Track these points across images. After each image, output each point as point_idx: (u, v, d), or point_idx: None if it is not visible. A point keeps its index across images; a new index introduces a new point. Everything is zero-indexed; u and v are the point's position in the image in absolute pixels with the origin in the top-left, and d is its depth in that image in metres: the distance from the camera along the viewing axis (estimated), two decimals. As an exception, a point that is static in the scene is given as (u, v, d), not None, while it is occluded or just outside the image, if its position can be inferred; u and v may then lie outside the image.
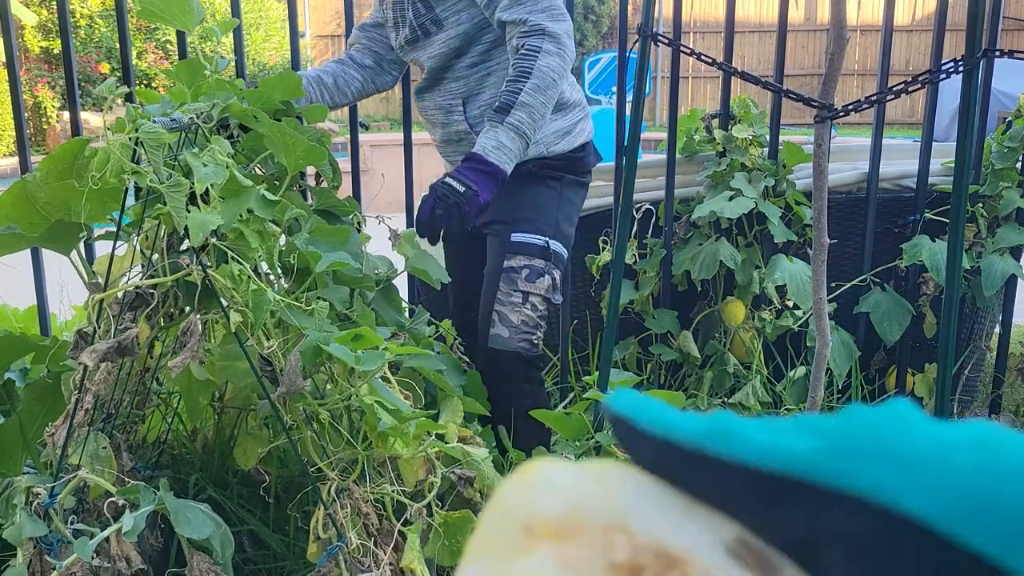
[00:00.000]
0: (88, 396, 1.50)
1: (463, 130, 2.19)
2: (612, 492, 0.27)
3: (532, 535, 0.27)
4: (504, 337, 2.07)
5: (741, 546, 0.26)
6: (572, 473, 0.27)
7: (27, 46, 11.74)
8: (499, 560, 0.27)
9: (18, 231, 1.65)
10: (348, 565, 1.46)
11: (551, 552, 0.26)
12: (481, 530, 0.28)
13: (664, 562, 0.26)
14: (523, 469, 0.28)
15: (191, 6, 1.70)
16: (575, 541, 0.26)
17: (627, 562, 0.26)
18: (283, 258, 1.57)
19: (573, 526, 0.26)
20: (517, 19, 1.99)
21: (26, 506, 1.47)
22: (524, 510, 0.27)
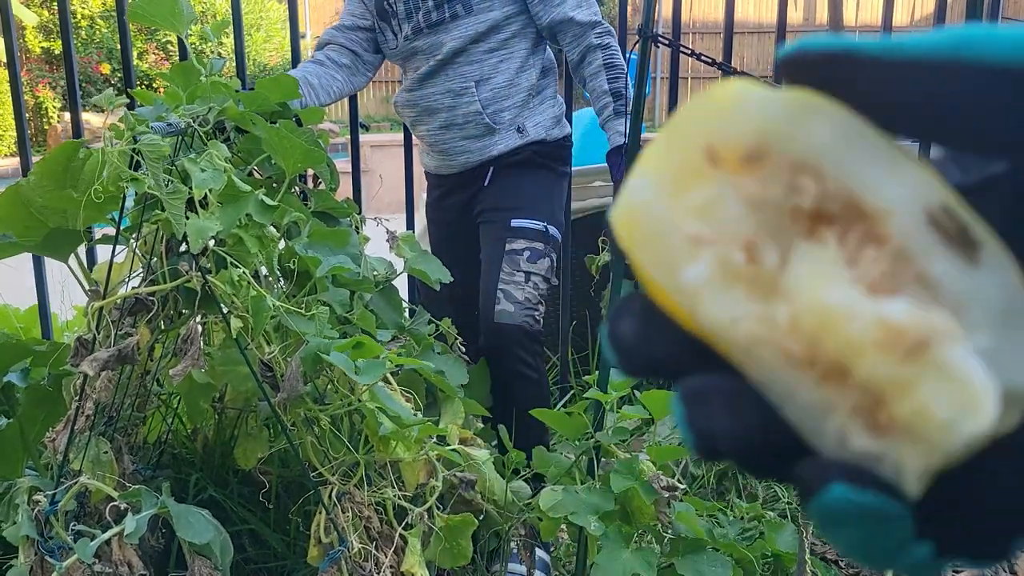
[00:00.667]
0: (89, 402, 1.50)
1: (473, 111, 2.26)
2: (812, 127, 0.24)
3: (714, 161, 0.24)
4: (510, 312, 2.13)
5: (945, 214, 0.23)
6: (771, 99, 0.24)
7: (28, 46, 11.74)
8: (672, 182, 0.25)
9: (14, 239, 1.65)
10: (350, 569, 1.47)
11: (731, 183, 0.24)
12: (657, 146, 0.26)
13: (853, 215, 0.23)
14: (716, 88, 0.25)
15: (180, 8, 1.70)
16: (759, 175, 0.24)
17: (812, 208, 0.24)
18: (282, 262, 1.57)
19: (760, 157, 0.24)
20: (591, 21, 2.26)
21: (27, 509, 1.47)
22: (709, 131, 0.24)
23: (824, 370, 0.23)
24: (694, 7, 15.39)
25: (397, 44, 2.32)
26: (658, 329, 0.27)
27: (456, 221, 2.40)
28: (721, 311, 0.24)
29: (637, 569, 1.51)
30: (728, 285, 0.24)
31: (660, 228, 0.25)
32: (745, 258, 0.24)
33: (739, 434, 0.25)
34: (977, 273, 0.23)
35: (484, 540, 1.90)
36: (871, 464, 0.23)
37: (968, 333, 0.22)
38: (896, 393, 0.22)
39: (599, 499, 1.61)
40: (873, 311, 0.22)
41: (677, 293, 0.25)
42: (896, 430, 0.22)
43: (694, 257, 0.24)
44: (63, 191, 1.61)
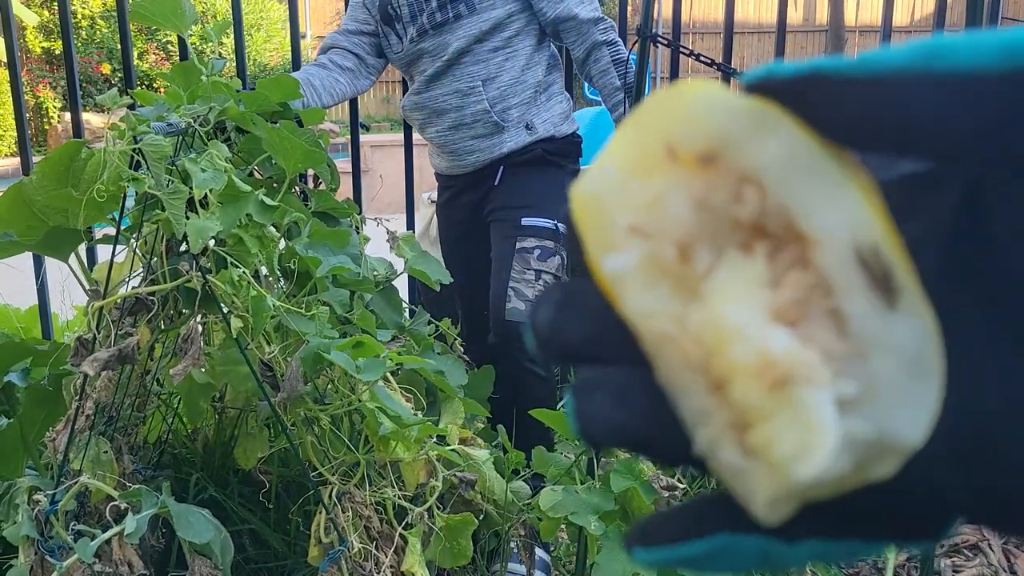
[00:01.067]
0: (89, 402, 1.50)
1: (481, 110, 2.28)
2: (765, 140, 0.24)
3: (672, 156, 0.25)
4: (521, 310, 2.14)
5: (873, 255, 0.23)
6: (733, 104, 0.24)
7: (28, 47, 11.74)
8: (630, 170, 0.25)
9: (14, 238, 1.65)
10: (350, 569, 1.47)
11: (683, 182, 0.24)
12: (626, 132, 0.26)
13: (789, 236, 0.24)
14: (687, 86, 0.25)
15: (183, 8, 1.70)
16: (707, 179, 0.24)
17: (750, 221, 0.24)
18: (283, 262, 1.57)
19: (713, 160, 0.24)
20: (594, 17, 2.29)
21: (28, 509, 1.47)
22: (671, 127, 0.25)
23: (712, 382, 0.24)
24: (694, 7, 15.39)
25: (403, 47, 2.33)
26: (574, 317, 0.28)
27: (467, 221, 2.41)
28: (641, 303, 0.25)
29: (637, 569, 1.51)
30: (654, 280, 0.25)
31: (608, 213, 0.25)
32: (677, 256, 0.24)
33: (618, 424, 0.26)
34: (892, 318, 0.23)
35: (484, 540, 1.90)
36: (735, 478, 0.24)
37: (834, 380, 0.23)
38: (756, 419, 0.23)
39: (599, 499, 1.61)
40: (759, 338, 0.23)
41: (607, 276, 0.26)
42: (754, 455, 0.23)
43: (625, 247, 0.25)
44: (64, 190, 1.61)
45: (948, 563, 2.24)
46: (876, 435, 0.23)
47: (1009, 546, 2.32)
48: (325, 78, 2.32)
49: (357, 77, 2.39)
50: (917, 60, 0.22)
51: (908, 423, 0.23)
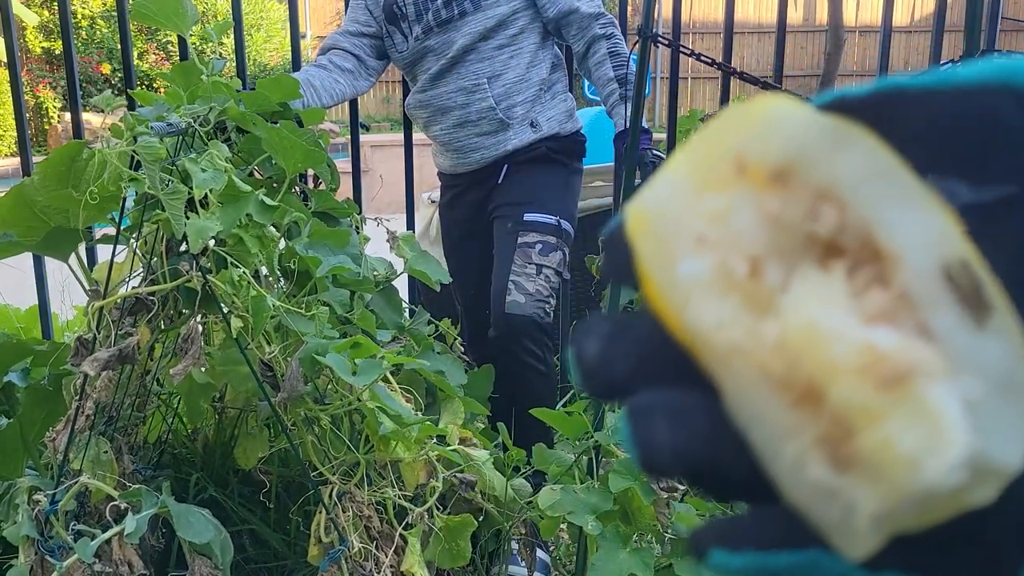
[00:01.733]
0: (89, 402, 1.50)
1: (486, 107, 2.29)
2: (844, 156, 0.23)
3: (742, 172, 0.24)
4: (521, 303, 2.15)
5: (962, 270, 0.22)
6: (810, 121, 0.23)
7: (28, 47, 11.74)
8: (695, 184, 0.24)
9: (15, 238, 1.66)
10: (350, 568, 1.47)
11: (753, 198, 0.24)
12: (688, 148, 0.25)
13: (868, 254, 0.23)
14: (757, 99, 0.24)
15: (184, 8, 1.70)
16: (780, 195, 0.23)
17: (827, 238, 0.23)
18: (283, 262, 1.57)
19: (787, 177, 0.23)
20: (597, 12, 2.32)
21: (28, 509, 1.48)
22: (743, 142, 0.24)
23: (799, 393, 0.22)
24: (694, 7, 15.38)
25: (408, 46, 2.33)
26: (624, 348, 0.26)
27: (471, 220, 2.42)
28: (709, 314, 0.23)
29: (634, 569, 1.51)
30: (723, 292, 0.24)
31: (671, 223, 0.25)
32: (748, 271, 0.23)
33: (681, 448, 0.24)
34: (982, 337, 0.22)
35: (484, 541, 1.90)
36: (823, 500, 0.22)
37: (956, 377, 0.21)
38: (864, 423, 0.21)
39: (597, 499, 1.62)
40: (861, 335, 0.22)
41: (670, 289, 0.24)
42: (857, 466, 0.22)
43: (696, 255, 0.24)
44: (65, 191, 1.61)
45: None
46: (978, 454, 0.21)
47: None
48: (325, 79, 2.32)
49: (357, 78, 2.40)
50: (995, 76, 0.22)
51: (1004, 445, 0.21)
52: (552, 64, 2.39)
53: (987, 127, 0.22)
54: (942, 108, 0.23)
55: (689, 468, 0.25)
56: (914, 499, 0.21)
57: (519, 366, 2.16)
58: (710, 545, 0.25)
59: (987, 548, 0.23)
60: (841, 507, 0.22)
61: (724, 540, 0.25)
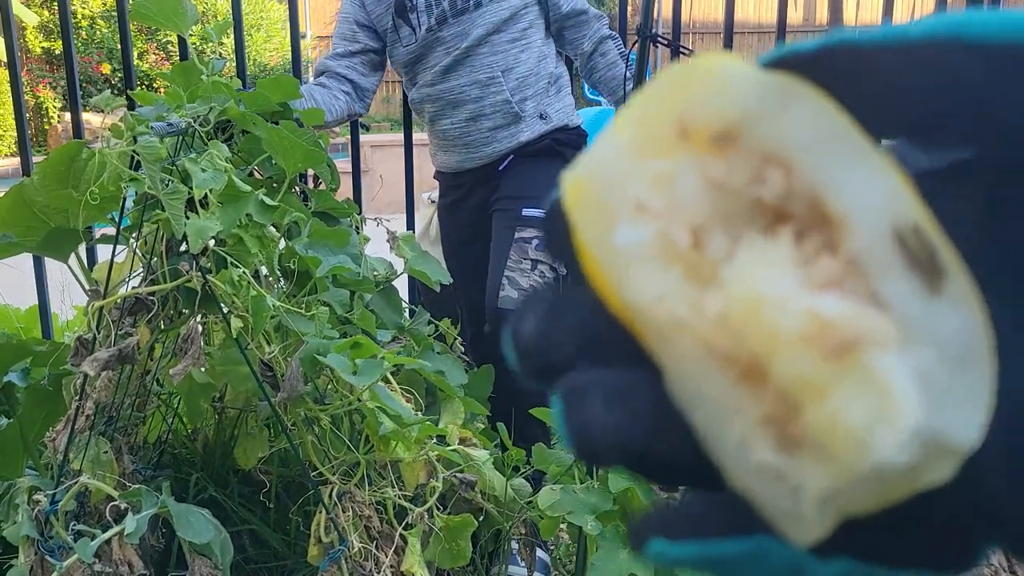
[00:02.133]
0: (89, 402, 1.50)
1: (502, 100, 2.30)
2: (792, 116, 0.21)
3: (684, 136, 0.22)
4: (513, 298, 2.15)
5: (915, 235, 0.20)
6: (754, 79, 0.22)
7: (28, 47, 11.74)
8: (636, 148, 0.23)
9: (14, 239, 1.66)
10: (350, 568, 1.47)
11: (696, 162, 0.22)
12: (631, 111, 0.24)
13: (816, 219, 0.21)
14: (703, 60, 0.23)
15: (184, 8, 1.70)
16: (726, 159, 0.22)
17: (774, 204, 0.22)
18: (283, 262, 1.57)
19: (731, 140, 0.22)
20: (600, 13, 2.40)
21: (28, 509, 1.48)
22: (684, 103, 0.22)
23: (742, 369, 0.21)
24: (694, 7, 15.39)
25: (416, 39, 2.32)
26: (562, 325, 0.25)
27: (475, 222, 2.41)
28: (648, 286, 0.22)
29: (634, 569, 1.51)
30: (664, 263, 0.22)
31: (609, 190, 0.23)
32: (690, 241, 0.22)
33: (617, 431, 0.23)
34: (936, 304, 0.20)
35: (484, 541, 1.90)
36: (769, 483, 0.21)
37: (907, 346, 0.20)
38: (810, 397, 0.20)
39: (597, 499, 1.62)
40: (807, 304, 0.20)
41: (608, 262, 0.23)
42: (804, 445, 0.20)
43: (635, 223, 0.22)
44: (65, 191, 1.61)
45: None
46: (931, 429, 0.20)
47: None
48: (325, 95, 2.34)
49: (353, 101, 2.41)
50: (945, 29, 0.21)
51: (959, 420, 0.20)
52: (557, 59, 2.42)
53: (940, 81, 0.21)
54: (894, 63, 0.22)
55: (626, 452, 0.23)
56: (864, 478, 0.20)
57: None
58: (649, 536, 0.24)
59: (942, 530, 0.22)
60: (788, 490, 0.21)
61: (663, 530, 0.24)
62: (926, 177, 0.22)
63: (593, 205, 0.23)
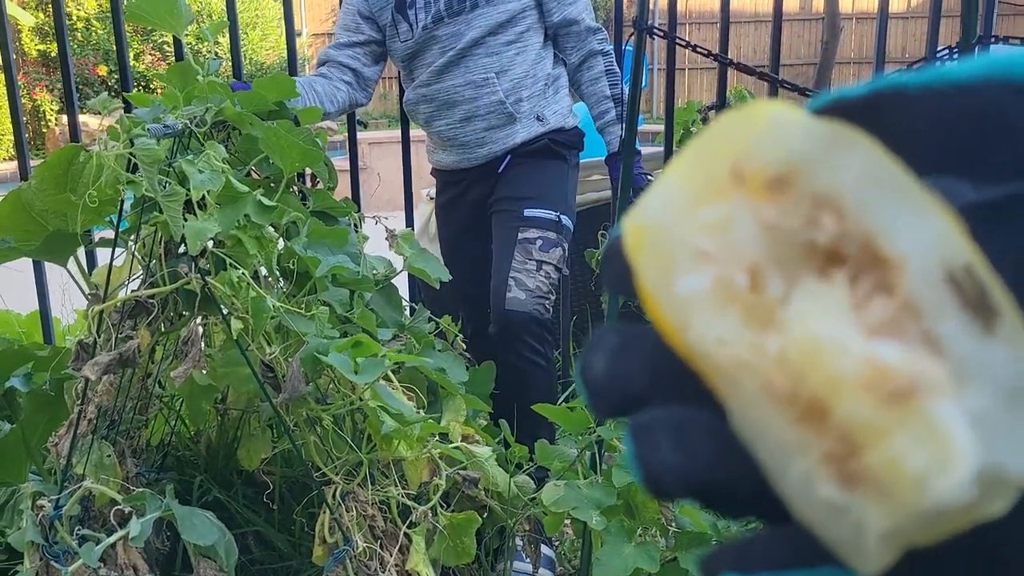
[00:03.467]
0: (91, 406, 1.50)
1: (496, 101, 2.30)
2: (843, 161, 0.22)
3: (738, 180, 0.23)
4: (521, 299, 2.15)
5: (966, 275, 0.21)
6: (806, 126, 0.23)
7: (24, 50, 11.73)
8: (692, 194, 0.24)
9: (13, 243, 1.65)
10: (355, 568, 1.47)
11: (749, 206, 0.23)
12: (688, 154, 0.25)
13: (869, 261, 0.22)
14: (754, 106, 0.24)
15: (179, 8, 1.69)
16: (779, 203, 0.23)
17: (828, 246, 0.22)
18: (282, 262, 1.57)
19: (785, 185, 0.23)
20: (596, 27, 2.37)
21: (32, 514, 1.48)
22: (739, 149, 0.23)
23: (803, 408, 0.22)
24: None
25: (412, 35, 2.32)
26: (632, 363, 0.25)
27: (471, 218, 2.41)
28: (710, 330, 0.23)
29: (640, 563, 1.51)
30: (724, 306, 0.23)
31: (668, 237, 0.24)
32: (748, 283, 0.23)
33: (686, 469, 0.24)
34: (989, 343, 0.21)
35: (488, 537, 1.90)
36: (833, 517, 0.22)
37: (961, 391, 0.21)
38: (871, 439, 0.21)
39: (601, 494, 1.62)
40: (864, 349, 0.21)
41: (670, 306, 0.24)
42: (865, 483, 0.21)
43: (695, 270, 0.23)
44: (63, 195, 1.61)
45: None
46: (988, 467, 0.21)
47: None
48: (327, 85, 2.34)
49: (355, 90, 2.41)
50: (994, 71, 0.21)
51: (1016, 454, 0.21)
52: (555, 60, 2.41)
53: (989, 124, 0.22)
54: (942, 106, 0.22)
55: (693, 488, 0.24)
56: (923, 516, 0.21)
57: (520, 362, 2.16)
58: (721, 569, 0.24)
59: (1001, 559, 0.23)
60: (851, 525, 0.22)
61: (736, 564, 0.24)
62: (973, 211, 0.23)
63: (654, 251, 0.24)
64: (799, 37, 15.43)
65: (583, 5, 2.34)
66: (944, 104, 0.22)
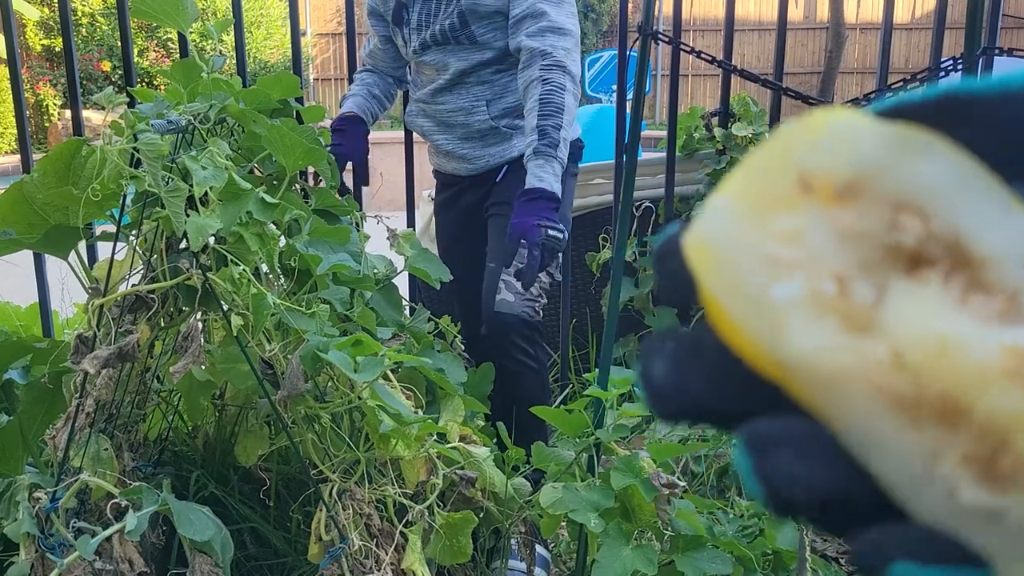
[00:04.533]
0: (89, 400, 1.50)
1: (487, 127, 2.29)
2: (920, 163, 0.22)
3: (807, 190, 0.23)
4: (510, 302, 2.15)
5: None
6: (874, 131, 0.23)
7: (29, 44, 11.74)
8: (757, 207, 0.23)
9: (14, 236, 1.66)
10: (350, 566, 1.47)
11: (824, 215, 0.22)
12: (748, 167, 0.24)
13: (957, 260, 0.22)
14: (817, 115, 0.23)
15: (185, 5, 1.70)
16: (855, 209, 0.22)
17: (914, 249, 0.22)
18: (283, 260, 1.57)
19: (859, 192, 0.22)
20: (541, 50, 2.10)
21: (28, 506, 1.48)
22: (806, 159, 0.23)
23: (930, 410, 0.21)
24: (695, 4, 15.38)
25: (407, 52, 2.34)
26: (693, 372, 0.25)
27: (467, 219, 2.42)
28: (807, 338, 0.22)
29: (638, 566, 1.52)
30: (819, 314, 0.22)
31: (740, 251, 0.23)
32: (836, 290, 0.22)
33: (818, 486, 0.22)
34: None
35: (484, 538, 1.90)
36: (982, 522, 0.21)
37: None
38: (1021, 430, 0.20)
39: (599, 496, 1.62)
40: (998, 338, 0.21)
41: (747, 316, 0.23)
42: (1018, 480, 0.20)
43: (781, 278, 0.23)
44: (65, 188, 1.61)
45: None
46: None
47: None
48: (380, 84, 2.40)
49: (399, 83, 2.49)
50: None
51: None
52: None
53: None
54: (1007, 111, 0.23)
55: (819, 501, 0.23)
56: None
57: (510, 363, 2.17)
58: (895, 556, 0.22)
59: None
60: (1008, 527, 0.20)
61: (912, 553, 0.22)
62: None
63: (723, 267, 0.24)
64: (803, 46, 15.45)
65: (535, 29, 2.13)
66: (1010, 108, 0.22)
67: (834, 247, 0.22)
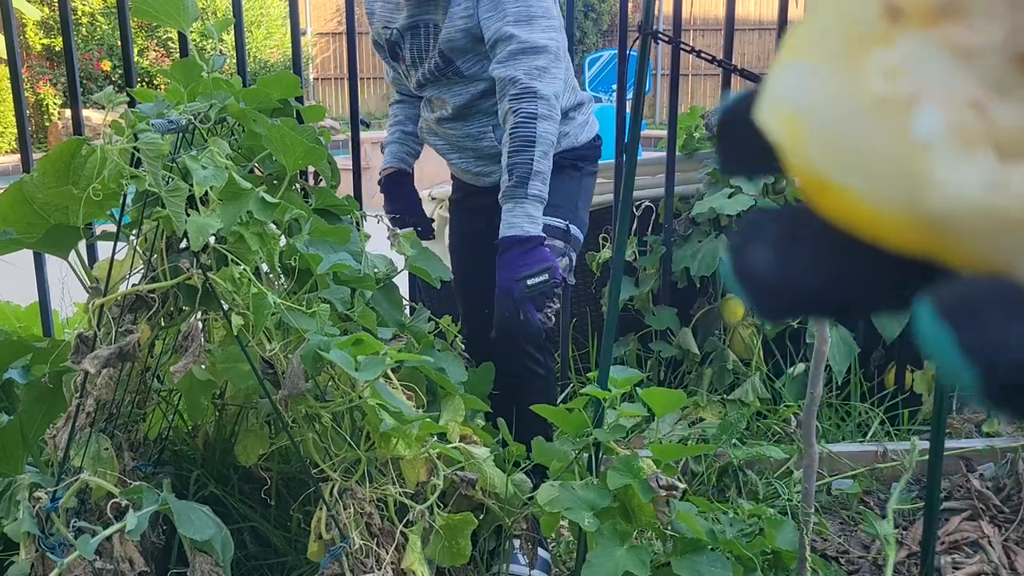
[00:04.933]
0: (89, 399, 1.50)
1: (497, 151, 2.23)
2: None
3: (898, 18, 0.20)
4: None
5: None
6: None
7: (29, 43, 11.74)
8: (842, 53, 0.20)
9: (14, 235, 1.66)
10: (350, 565, 1.47)
11: (929, 39, 0.20)
12: (810, 20, 0.21)
13: None
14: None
15: (185, 4, 1.70)
16: (964, 23, 0.20)
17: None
18: (283, 259, 1.57)
19: (958, 5, 0.20)
20: (508, 77, 2.02)
21: (28, 506, 1.48)
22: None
23: None
24: (695, 4, 15.38)
25: (409, 86, 2.33)
26: (801, 258, 0.22)
27: (479, 220, 2.40)
28: (967, 178, 0.19)
29: (630, 567, 1.51)
30: (967, 148, 0.19)
31: (841, 108, 0.20)
32: (975, 117, 0.19)
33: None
34: None
35: (484, 539, 1.90)
36: None
37: None
38: None
39: (595, 495, 1.62)
40: None
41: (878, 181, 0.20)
42: None
43: (909, 115, 0.19)
44: (65, 187, 1.61)
45: (948, 560, 2.24)
46: None
47: (1009, 543, 2.32)
48: (411, 113, 2.40)
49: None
50: None
51: None
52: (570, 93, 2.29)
53: None
54: None
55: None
56: None
57: (519, 369, 2.15)
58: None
59: None
60: None
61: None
62: None
63: (826, 132, 0.21)
64: (803, 45, 15.43)
65: (505, 55, 2.03)
66: None
67: (951, 71, 0.20)
